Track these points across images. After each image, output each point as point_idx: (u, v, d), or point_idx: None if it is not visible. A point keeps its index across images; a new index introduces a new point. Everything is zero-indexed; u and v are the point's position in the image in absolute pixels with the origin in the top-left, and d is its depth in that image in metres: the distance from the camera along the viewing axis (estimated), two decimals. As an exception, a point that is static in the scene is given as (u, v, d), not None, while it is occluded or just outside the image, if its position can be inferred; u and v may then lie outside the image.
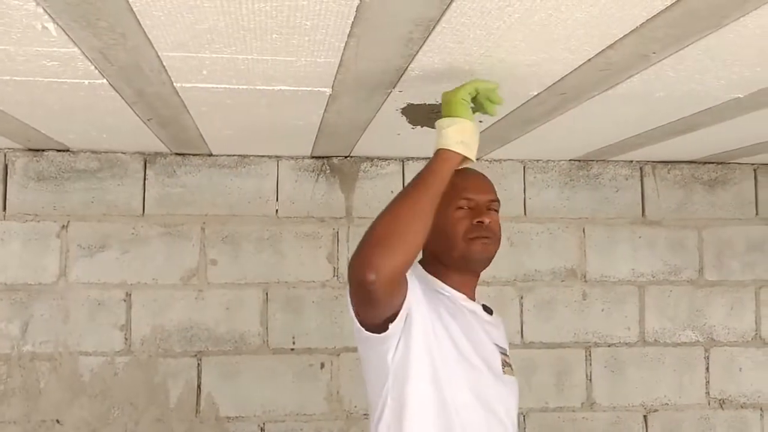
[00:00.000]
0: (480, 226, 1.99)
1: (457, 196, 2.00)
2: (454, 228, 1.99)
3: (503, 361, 2.01)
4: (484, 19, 1.46)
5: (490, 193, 2.07)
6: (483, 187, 2.07)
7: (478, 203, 2.02)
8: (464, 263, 2.01)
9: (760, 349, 3.53)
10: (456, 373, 1.89)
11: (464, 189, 2.02)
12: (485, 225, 1.99)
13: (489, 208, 2.04)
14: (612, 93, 2.07)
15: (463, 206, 2.01)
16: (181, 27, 1.48)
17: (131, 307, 3.16)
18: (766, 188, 3.58)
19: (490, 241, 2.01)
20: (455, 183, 1.95)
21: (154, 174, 3.20)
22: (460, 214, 2.00)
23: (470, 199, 2.02)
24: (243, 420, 3.20)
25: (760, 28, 1.53)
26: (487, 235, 2.00)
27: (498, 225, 2.06)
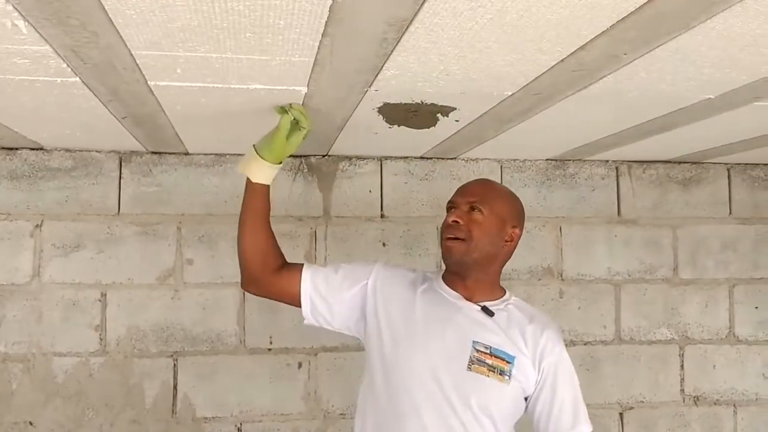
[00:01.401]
0: (449, 225, 2.16)
1: (448, 200, 2.26)
2: (443, 229, 2.22)
3: (474, 357, 2.09)
4: (457, 20, 1.47)
5: (471, 195, 2.19)
6: (466, 190, 2.23)
7: (459, 205, 2.18)
8: (445, 263, 2.23)
9: (734, 347, 3.57)
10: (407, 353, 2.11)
11: (453, 194, 2.27)
12: (452, 224, 2.15)
13: (470, 209, 2.16)
14: (586, 93, 2.09)
15: (450, 208, 2.23)
16: (154, 25, 1.48)
17: (106, 307, 3.15)
18: (739, 187, 3.62)
19: (459, 242, 2.14)
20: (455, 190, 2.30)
21: (129, 173, 3.19)
22: (446, 216, 2.22)
23: (453, 202, 2.23)
24: (220, 420, 3.19)
25: (727, 30, 1.55)
26: (454, 235, 2.15)
27: (476, 225, 2.15)
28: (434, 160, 3.39)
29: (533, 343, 2.15)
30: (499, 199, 2.24)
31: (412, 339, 2.12)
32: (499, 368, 2.09)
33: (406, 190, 3.38)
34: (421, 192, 3.38)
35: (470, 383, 2.08)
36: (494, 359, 2.09)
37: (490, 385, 2.09)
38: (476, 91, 2.07)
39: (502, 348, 2.11)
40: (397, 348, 2.13)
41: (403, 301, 2.20)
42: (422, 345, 2.11)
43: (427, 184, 3.39)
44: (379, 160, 3.37)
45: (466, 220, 2.14)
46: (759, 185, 3.63)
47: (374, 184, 3.36)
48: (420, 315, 2.16)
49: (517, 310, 2.22)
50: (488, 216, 2.16)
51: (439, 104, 2.25)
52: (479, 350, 2.09)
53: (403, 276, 2.28)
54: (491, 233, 2.18)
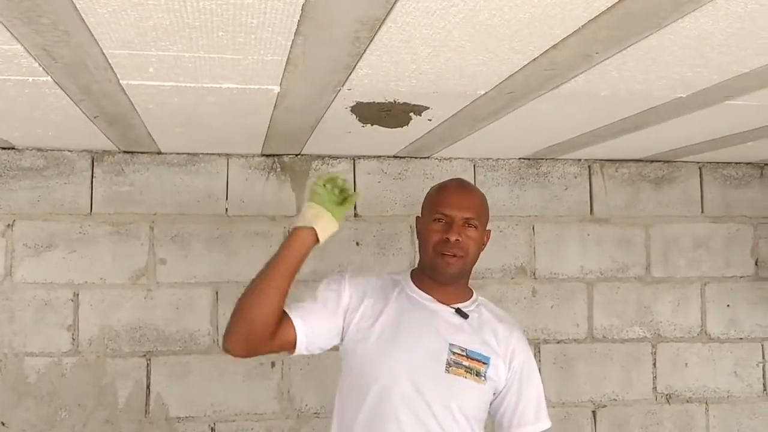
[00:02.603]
0: (448, 242, 2.13)
1: (435, 210, 2.18)
2: (428, 238, 2.18)
3: (451, 360, 2.10)
4: (430, 19, 1.48)
5: (467, 210, 2.16)
6: (460, 204, 2.17)
7: (454, 219, 2.14)
8: (431, 273, 2.20)
9: (706, 345, 3.61)
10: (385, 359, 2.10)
11: (442, 204, 2.19)
12: (452, 242, 2.12)
13: (466, 225, 2.15)
14: (558, 92, 2.11)
15: (440, 219, 2.16)
16: (126, 24, 1.48)
17: (79, 307, 3.13)
18: (711, 186, 3.66)
19: (456, 259, 2.14)
20: (436, 196, 2.24)
21: (101, 172, 3.17)
22: (435, 226, 2.16)
23: (446, 215, 2.16)
24: (193, 420, 3.18)
25: (697, 30, 1.57)
26: (453, 253, 2.13)
27: (473, 241, 2.17)
28: (407, 159, 3.40)
29: (505, 343, 2.20)
30: (485, 209, 2.25)
31: (390, 345, 2.11)
32: (475, 370, 2.12)
33: (379, 190, 3.39)
34: (394, 191, 3.39)
35: (448, 386, 2.10)
36: (471, 361, 2.12)
37: (468, 386, 2.12)
38: (449, 90, 2.09)
39: (478, 349, 2.14)
40: (374, 355, 2.12)
41: (377, 310, 2.17)
42: (399, 351, 2.10)
43: (400, 184, 3.40)
44: (352, 159, 3.37)
45: (464, 237, 2.14)
46: (730, 184, 3.68)
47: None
48: (396, 321, 2.14)
49: (486, 311, 2.25)
50: (480, 230, 2.19)
51: (411, 103, 2.26)
52: (456, 353, 2.11)
53: (373, 284, 2.24)
54: (480, 246, 2.22)
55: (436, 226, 2.16)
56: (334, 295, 2.18)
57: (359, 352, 2.13)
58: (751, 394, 3.64)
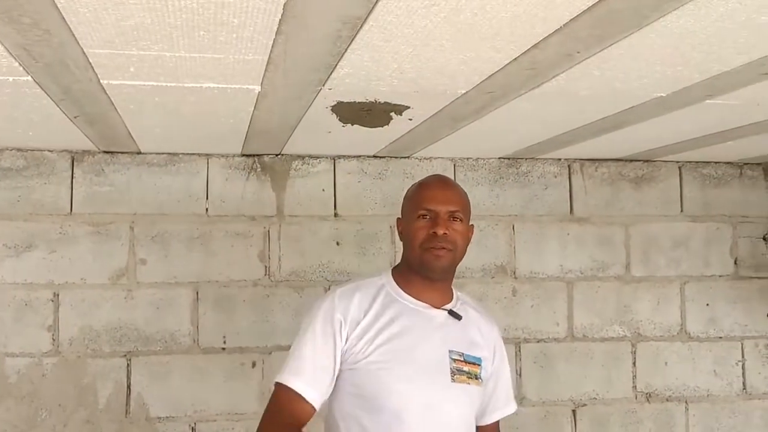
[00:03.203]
0: (435, 236, 2.09)
1: (418, 206, 2.15)
2: (414, 236, 2.13)
3: (454, 368, 2.09)
4: (411, 18, 1.48)
5: (451, 204, 2.13)
6: (444, 198, 2.14)
7: (438, 214, 2.11)
8: (421, 270, 2.14)
9: (685, 344, 3.64)
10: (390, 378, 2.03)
11: (425, 200, 2.15)
12: (440, 236, 2.08)
13: (451, 218, 2.12)
14: (539, 91, 2.12)
15: (424, 215, 2.13)
16: (107, 24, 1.47)
17: (59, 308, 3.11)
18: (690, 185, 3.69)
19: (445, 252, 2.10)
20: (418, 193, 2.20)
21: (81, 172, 3.15)
22: (420, 223, 2.12)
23: (430, 210, 2.12)
24: (174, 420, 3.17)
25: (679, 29, 1.58)
26: (441, 246, 2.09)
27: (460, 234, 2.14)
28: (387, 159, 3.41)
29: (489, 338, 2.24)
30: (468, 203, 2.22)
31: (395, 363, 2.04)
32: (474, 373, 2.13)
33: (359, 189, 3.39)
34: (374, 191, 3.40)
35: (457, 395, 2.09)
36: (469, 365, 2.12)
37: (472, 392, 2.13)
38: (430, 90, 2.09)
39: (471, 352, 2.15)
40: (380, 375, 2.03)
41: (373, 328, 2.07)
42: (405, 367, 2.04)
43: (380, 183, 3.40)
44: (332, 159, 3.37)
45: (450, 231, 2.11)
46: (710, 183, 3.70)
47: (328, 183, 3.36)
48: (395, 335, 2.06)
49: (469, 308, 2.25)
50: (465, 223, 2.16)
51: (392, 103, 2.27)
52: (455, 359, 2.10)
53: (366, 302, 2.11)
54: (467, 240, 2.19)
55: (420, 222, 2.12)
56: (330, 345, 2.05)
57: (362, 374, 2.04)
58: (731, 393, 3.66)
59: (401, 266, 2.23)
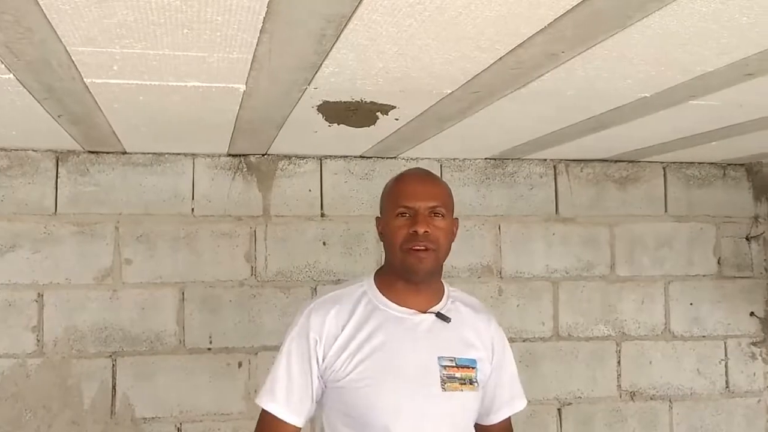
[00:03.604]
0: (415, 235, 1.94)
1: (396, 204, 2.00)
2: (393, 236, 1.98)
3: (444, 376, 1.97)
4: (396, 17, 1.47)
5: (431, 199, 1.99)
6: (422, 193, 2.00)
7: (417, 211, 1.97)
8: (404, 274, 1.99)
9: (669, 343, 3.65)
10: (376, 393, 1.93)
11: (403, 196, 2.00)
12: (420, 234, 1.94)
13: (432, 214, 1.98)
14: (524, 91, 2.11)
15: (403, 213, 1.98)
16: (89, 21, 1.45)
17: (43, 308, 3.08)
18: (675, 186, 3.70)
19: (427, 252, 1.95)
20: (395, 189, 2.06)
21: (66, 172, 3.13)
22: (399, 222, 1.98)
23: (409, 207, 1.98)
24: (159, 421, 3.15)
25: (662, 29, 1.58)
26: (423, 246, 1.95)
27: (442, 231, 1.99)
28: (374, 159, 3.40)
29: (486, 336, 2.10)
30: (450, 196, 2.08)
31: (380, 377, 1.93)
32: (468, 378, 2.00)
33: (346, 189, 3.38)
34: (361, 191, 3.38)
35: (448, 404, 1.97)
36: (461, 370, 2.00)
37: (465, 398, 2.01)
38: (416, 90, 2.08)
39: (465, 355, 2.02)
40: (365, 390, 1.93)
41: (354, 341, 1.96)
42: (392, 380, 1.93)
43: (367, 184, 3.39)
44: (318, 159, 3.36)
45: (432, 228, 1.96)
46: (694, 183, 3.71)
47: (314, 183, 3.35)
48: (378, 347, 1.95)
49: (462, 306, 2.11)
50: (447, 218, 2.01)
51: (378, 102, 2.25)
52: (446, 366, 1.97)
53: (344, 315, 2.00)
54: (450, 236, 2.05)
55: (399, 221, 1.98)
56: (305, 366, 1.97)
57: (346, 391, 1.95)
58: (714, 392, 3.68)
59: (384, 269, 2.10)
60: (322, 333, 1.97)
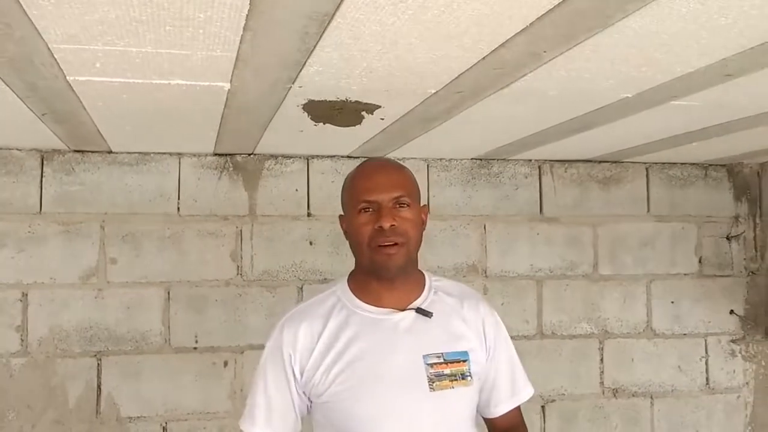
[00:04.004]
0: (381, 231, 1.80)
1: (358, 199, 1.85)
2: (358, 235, 1.84)
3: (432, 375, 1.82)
4: (378, 15, 1.45)
5: (394, 189, 1.83)
6: (383, 185, 1.84)
7: (381, 204, 1.82)
8: (374, 272, 1.85)
9: (651, 341, 3.65)
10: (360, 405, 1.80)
11: (363, 190, 1.85)
12: (387, 229, 1.79)
13: (397, 205, 1.82)
14: (507, 91, 2.09)
15: (366, 208, 1.83)
16: (70, 17, 1.43)
17: (28, 307, 3.05)
18: (657, 186, 3.70)
19: (396, 248, 1.80)
20: (354, 183, 1.89)
21: (51, 171, 3.09)
22: (363, 218, 1.83)
23: (371, 201, 1.83)
24: (145, 420, 3.12)
25: (642, 29, 1.57)
26: (391, 242, 1.80)
27: (410, 222, 1.83)
28: (361, 160, 3.35)
29: (475, 324, 1.93)
30: (414, 183, 1.92)
31: (362, 388, 1.80)
32: (459, 373, 1.84)
33: (333, 189, 3.35)
34: (348, 191, 3.36)
35: (439, 404, 1.82)
36: (451, 366, 1.84)
37: (458, 395, 1.85)
38: (400, 89, 2.06)
39: (454, 348, 1.86)
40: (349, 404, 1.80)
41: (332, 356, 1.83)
42: (374, 389, 1.80)
43: (354, 183, 3.36)
44: (305, 159, 3.34)
45: (399, 221, 1.80)
46: (675, 184, 3.72)
47: (301, 182, 3.33)
48: (356, 356, 1.81)
49: (445, 295, 1.95)
50: (413, 207, 1.86)
51: (363, 102, 2.24)
52: (433, 363, 1.82)
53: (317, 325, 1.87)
54: (419, 225, 1.89)
55: (363, 217, 1.82)
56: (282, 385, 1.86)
57: (329, 406, 1.83)
58: (694, 388, 3.69)
59: (355, 270, 1.95)
60: (296, 347, 1.84)
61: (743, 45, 1.69)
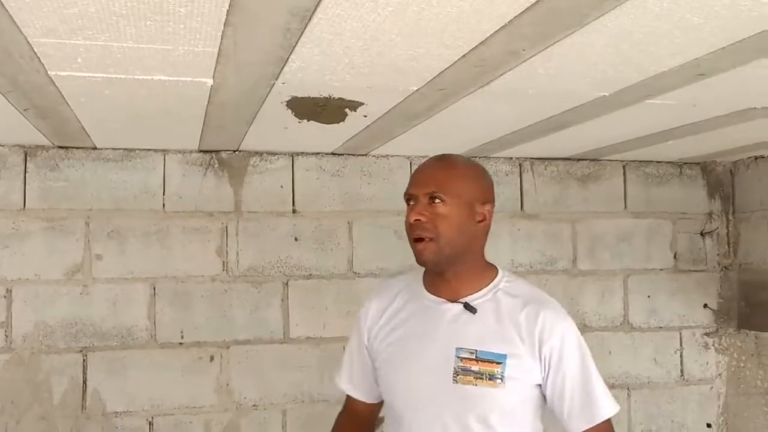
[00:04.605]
0: (411, 226, 1.84)
1: (406, 191, 1.90)
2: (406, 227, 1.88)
3: (459, 368, 1.81)
4: (359, 11, 1.43)
5: (428, 185, 1.83)
6: (421, 180, 1.87)
7: (418, 198, 1.85)
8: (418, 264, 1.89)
9: (628, 334, 3.65)
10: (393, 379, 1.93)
11: (409, 183, 1.91)
12: (413, 224, 1.83)
13: (430, 201, 1.82)
14: (488, 89, 2.08)
15: (408, 200, 1.89)
16: (49, 11, 1.39)
17: (12, 303, 2.99)
18: (634, 184, 3.69)
19: (425, 243, 1.82)
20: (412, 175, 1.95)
21: (35, 167, 3.03)
22: (407, 210, 1.88)
23: (411, 195, 1.87)
24: (131, 415, 3.08)
25: (618, 28, 1.56)
26: (418, 236, 1.82)
27: (441, 218, 1.81)
28: (345, 157, 3.35)
29: (529, 331, 1.83)
30: (460, 179, 1.88)
31: (397, 365, 1.90)
32: (487, 373, 1.80)
33: (317, 186, 3.32)
34: (332, 188, 3.33)
35: (460, 398, 1.81)
36: (481, 364, 1.80)
37: (480, 394, 1.80)
38: (382, 86, 2.04)
39: (491, 348, 1.81)
40: (387, 378, 1.93)
41: (387, 330, 1.95)
42: (405, 370, 1.88)
43: (338, 180, 3.34)
44: (290, 156, 3.30)
45: (429, 216, 1.81)
46: (652, 181, 3.71)
47: (286, 179, 3.29)
48: (403, 336, 1.91)
49: (507, 297, 1.89)
50: (452, 203, 1.82)
51: (346, 99, 2.21)
52: (463, 357, 1.81)
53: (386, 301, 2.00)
54: (460, 222, 1.84)
55: (407, 209, 1.87)
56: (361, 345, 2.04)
57: (379, 372, 1.97)
58: (670, 380, 3.69)
59: None
60: (368, 316, 2.02)
61: (714, 44, 1.69)
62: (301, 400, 3.24)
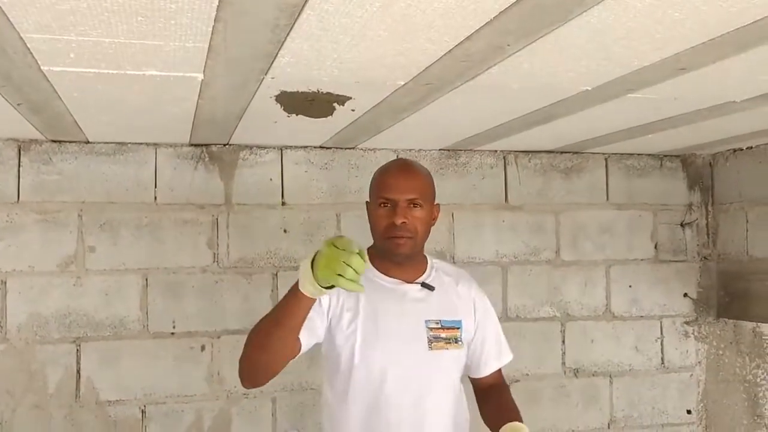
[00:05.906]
0: (394, 226, 2.09)
1: (379, 194, 2.14)
2: (376, 224, 2.15)
3: (431, 336, 2.14)
4: (347, 6, 1.42)
5: (410, 192, 2.11)
6: (402, 187, 2.12)
7: (398, 203, 2.10)
8: (386, 255, 2.16)
9: (610, 323, 3.66)
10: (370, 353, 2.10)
11: (385, 188, 2.14)
12: (399, 225, 2.08)
13: (410, 206, 2.10)
14: (473, 84, 2.08)
15: (384, 204, 2.12)
16: (41, 7, 1.38)
17: (6, 295, 2.97)
18: (615, 176, 3.71)
19: (404, 240, 2.10)
20: (379, 180, 2.18)
21: (28, 161, 3.01)
22: (381, 212, 2.13)
23: (389, 199, 2.11)
24: (123, 403, 3.07)
25: (601, 23, 1.56)
26: (401, 235, 2.09)
27: (420, 221, 2.12)
28: (333, 150, 3.34)
29: (467, 300, 2.27)
30: (430, 186, 2.21)
31: (373, 340, 2.10)
32: (453, 337, 2.17)
33: (306, 179, 3.32)
34: (320, 180, 3.33)
35: (435, 362, 2.15)
36: (446, 331, 2.16)
37: (451, 356, 2.18)
38: (370, 81, 2.04)
39: (449, 317, 2.18)
40: (362, 352, 2.10)
41: (354, 306, 2.13)
42: (383, 342, 2.10)
43: (326, 173, 3.34)
44: (279, 150, 3.29)
45: (410, 219, 2.10)
46: (633, 174, 3.72)
47: (275, 172, 3.28)
48: (373, 314, 2.12)
49: (443, 274, 2.28)
50: (426, 207, 2.15)
51: (335, 93, 2.20)
52: (432, 327, 2.15)
53: None
54: (428, 222, 2.19)
55: (381, 211, 2.13)
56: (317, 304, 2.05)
57: (348, 351, 2.11)
58: (651, 368, 3.72)
59: (373, 246, 2.21)
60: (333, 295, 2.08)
61: (695, 40, 1.69)
62: (291, 389, 3.24)
